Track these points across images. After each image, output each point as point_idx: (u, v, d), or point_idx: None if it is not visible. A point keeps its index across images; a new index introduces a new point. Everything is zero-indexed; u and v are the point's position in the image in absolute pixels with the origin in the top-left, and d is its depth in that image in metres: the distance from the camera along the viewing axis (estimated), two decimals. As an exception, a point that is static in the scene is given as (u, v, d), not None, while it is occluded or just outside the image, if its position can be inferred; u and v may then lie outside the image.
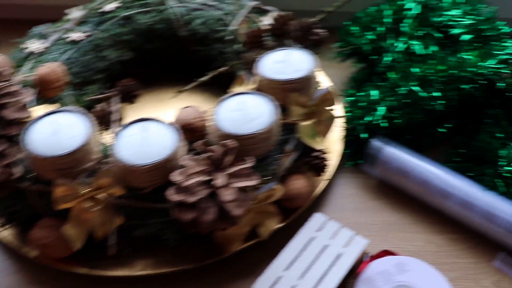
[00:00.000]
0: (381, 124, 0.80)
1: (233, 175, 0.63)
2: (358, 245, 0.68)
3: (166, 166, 0.65)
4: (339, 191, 0.81)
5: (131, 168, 0.64)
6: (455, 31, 0.85)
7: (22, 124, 0.70)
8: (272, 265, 0.65)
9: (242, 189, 0.63)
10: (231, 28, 0.89)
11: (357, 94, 0.86)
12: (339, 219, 0.76)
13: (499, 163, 0.75)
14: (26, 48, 0.85)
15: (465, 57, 0.79)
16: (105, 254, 0.68)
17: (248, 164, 0.63)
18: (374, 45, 0.92)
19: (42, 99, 0.79)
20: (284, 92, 0.74)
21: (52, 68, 0.78)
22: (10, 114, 0.68)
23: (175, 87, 0.86)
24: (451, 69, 0.78)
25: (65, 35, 0.89)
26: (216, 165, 0.63)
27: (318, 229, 0.69)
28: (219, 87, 0.86)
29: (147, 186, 0.67)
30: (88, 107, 0.84)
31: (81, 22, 0.92)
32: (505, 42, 0.82)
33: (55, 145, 0.66)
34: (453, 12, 0.87)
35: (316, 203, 0.78)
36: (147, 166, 0.64)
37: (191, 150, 0.70)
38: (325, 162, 0.75)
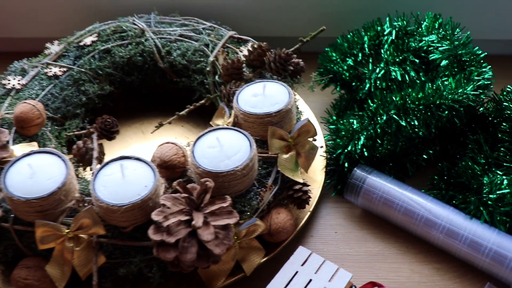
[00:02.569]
0: (363, 153, 0.80)
1: (213, 214, 0.63)
2: (342, 279, 0.67)
3: (146, 205, 0.65)
4: (322, 221, 0.81)
5: (110, 208, 0.64)
6: (433, 56, 0.85)
7: (3, 163, 0.69)
8: (256, 302, 0.65)
9: (223, 227, 0.63)
10: (209, 59, 0.89)
11: (339, 122, 0.86)
12: (323, 251, 0.76)
13: (483, 190, 0.75)
14: (6, 84, 0.85)
15: (444, 83, 0.79)
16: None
17: (226, 204, 0.63)
18: (353, 72, 0.92)
19: (20, 137, 0.79)
20: (262, 126, 0.74)
21: (29, 106, 0.78)
22: (-12, 155, 0.68)
23: (158, 118, 0.86)
24: (430, 97, 0.78)
25: (45, 70, 0.88)
26: (194, 204, 0.62)
27: (302, 263, 0.69)
28: (201, 116, 0.87)
29: (128, 225, 0.66)
30: (70, 141, 0.84)
31: (60, 56, 0.92)
32: (483, 67, 0.83)
33: (33, 187, 0.65)
34: (431, 37, 0.87)
35: (299, 235, 0.78)
36: (126, 206, 0.63)
37: (172, 187, 0.69)
38: (308, 195, 0.75)
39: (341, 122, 0.85)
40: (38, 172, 0.67)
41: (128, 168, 0.67)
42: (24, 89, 0.86)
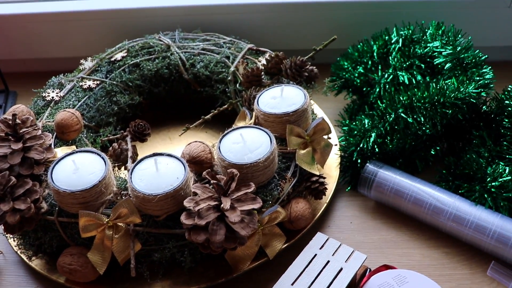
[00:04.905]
0: (375, 150, 0.87)
1: (238, 200, 0.69)
2: (358, 260, 0.73)
3: (178, 194, 0.72)
4: (338, 213, 0.87)
5: (146, 197, 0.71)
6: (438, 60, 0.92)
7: (47, 163, 0.77)
8: (279, 280, 0.71)
9: (247, 212, 0.69)
10: (230, 69, 0.97)
11: (352, 123, 0.93)
12: (340, 239, 0.82)
13: (487, 179, 0.81)
14: (46, 96, 0.93)
15: (447, 84, 0.86)
16: (126, 277, 0.74)
17: (251, 189, 0.70)
18: (364, 78, 0.99)
19: (60, 142, 0.86)
20: (280, 125, 0.81)
21: (69, 114, 0.86)
22: (36, 155, 0.76)
23: (184, 126, 0.93)
24: (434, 96, 0.84)
25: (80, 83, 0.97)
26: (222, 191, 0.69)
27: (320, 247, 0.75)
28: (223, 123, 0.93)
29: (161, 214, 0.73)
30: (103, 147, 0.92)
31: (94, 71, 1.00)
32: (484, 68, 0.89)
33: (77, 181, 0.73)
34: (435, 43, 0.94)
35: (317, 225, 0.84)
36: (161, 195, 0.70)
37: (200, 180, 0.76)
38: (324, 186, 0.81)
39: (354, 123, 0.92)
40: (81, 168, 0.74)
41: (161, 163, 0.74)
42: (62, 101, 0.94)
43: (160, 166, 0.74)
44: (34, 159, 0.77)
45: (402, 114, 0.86)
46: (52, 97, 0.94)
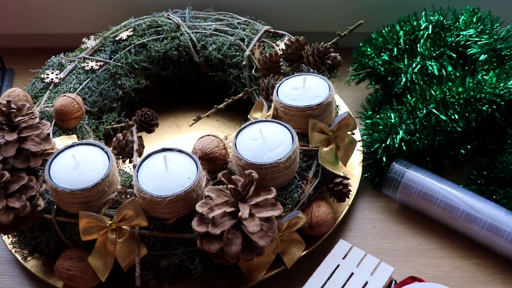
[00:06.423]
0: (401, 148, 0.80)
1: (257, 206, 0.63)
2: (384, 273, 0.67)
3: (189, 197, 0.65)
4: (360, 216, 0.80)
5: (154, 200, 0.64)
6: (472, 51, 0.84)
7: (45, 155, 0.70)
8: (299, 294, 0.65)
9: (266, 219, 0.63)
10: (245, 53, 0.89)
11: (376, 116, 0.86)
12: (363, 245, 0.76)
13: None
14: (44, 78, 0.86)
15: (484, 78, 0.79)
16: (130, 284, 0.68)
17: (271, 195, 0.63)
18: (389, 66, 0.92)
19: (60, 130, 0.79)
20: (302, 119, 0.73)
21: (69, 100, 0.78)
22: (33, 146, 0.69)
23: (193, 113, 0.86)
24: (470, 91, 0.77)
25: (82, 64, 0.89)
26: (240, 196, 0.62)
27: (343, 257, 0.69)
28: (235, 111, 0.87)
29: (171, 217, 0.66)
30: (106, 135, 0.85)
31: (97, 51, 0.92)
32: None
33: (77, 178, 0.66)
34: (469, 31, 0.87)
35: (338, 229, 0.77)
36: (170, 197, 0.64)
37: (213, 179, 0.70)
38: (349, 189, 0.74)
39: (378, 116, 0.85)
40: (82, 163, 0.67)
41: (170, 159, 0.67)
42: (62, 83, 0.86)
43: (169, 163, 0.67)
44: (30, 151, 0.70)
45: (434, 110, 0.78)
46: (52, 79, 0.86)
